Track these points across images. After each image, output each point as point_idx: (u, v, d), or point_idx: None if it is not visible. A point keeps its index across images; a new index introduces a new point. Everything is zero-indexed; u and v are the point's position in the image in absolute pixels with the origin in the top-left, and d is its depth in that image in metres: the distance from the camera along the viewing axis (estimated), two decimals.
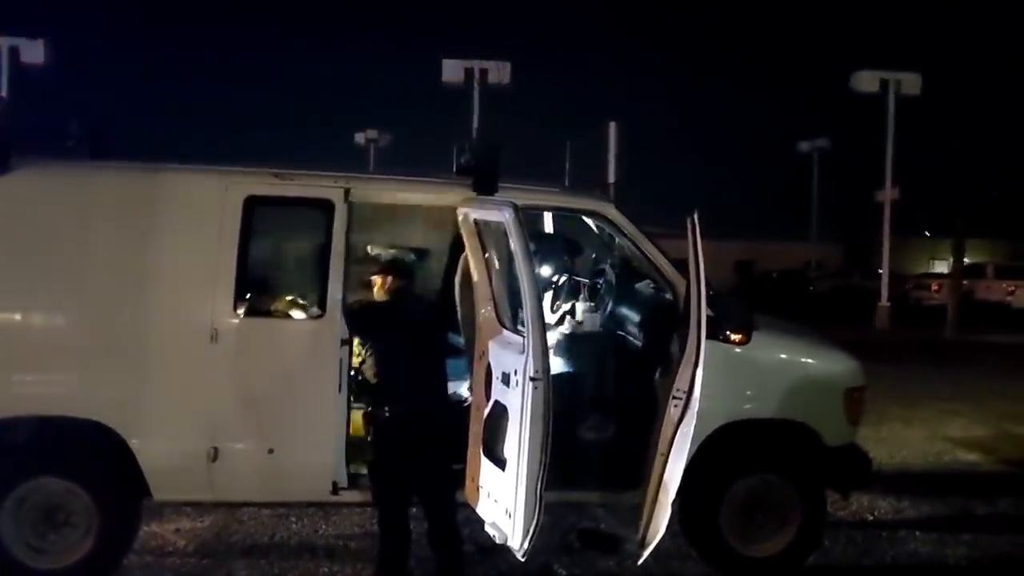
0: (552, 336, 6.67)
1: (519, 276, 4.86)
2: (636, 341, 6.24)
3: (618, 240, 6.15)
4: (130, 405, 5.38)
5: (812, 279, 38.75)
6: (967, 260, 30.09)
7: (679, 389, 5.07)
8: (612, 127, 23.51)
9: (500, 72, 25.82)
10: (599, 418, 6.19)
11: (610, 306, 6.71)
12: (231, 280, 5.42)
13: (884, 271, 26.85)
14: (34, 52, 24.25)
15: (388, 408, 5.33)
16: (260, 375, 5.49)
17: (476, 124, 25.13)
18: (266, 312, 5.63)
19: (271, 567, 5.95)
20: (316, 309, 5.58)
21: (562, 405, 5.80)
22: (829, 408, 6.02)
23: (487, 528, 5.23)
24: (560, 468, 5.19)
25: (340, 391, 5.49)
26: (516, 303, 5.10)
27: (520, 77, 26.27)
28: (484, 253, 5.48)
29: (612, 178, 22.28)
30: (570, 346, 6.59)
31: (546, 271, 7.25)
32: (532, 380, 4.81)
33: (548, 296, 7.39)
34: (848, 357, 6.18)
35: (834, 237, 48.58)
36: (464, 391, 6.11)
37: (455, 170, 5.85)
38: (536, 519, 4.84)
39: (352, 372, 5.60)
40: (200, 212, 5.49)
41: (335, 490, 5.58)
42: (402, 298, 5.59)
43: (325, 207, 5.57)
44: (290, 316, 5.65)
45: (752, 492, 5.91)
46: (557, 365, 6.40)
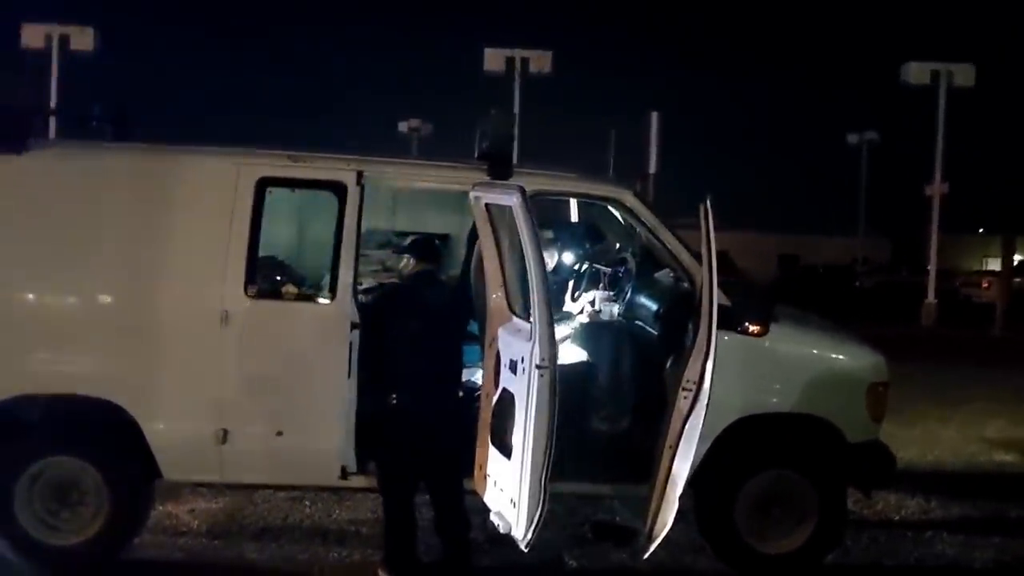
0: (570, 325, 6.59)
1: (526, 262, 4.77)
2: (653, 331, 6.12)
3: (638, 229, 6.02)
4: (141, 385, 5.42)
5: (858, 274, 38.12)
6: (1019, 257, 29.32)
7: (689, 380, 4.96)
8: (654, 117, 23.23)
9: (541, 61, 25.71)
10: (613, 409, 6.09)
11: (629, 295, 6.59)
12: (242, 263, 5.42)
13: (931, 267, 26.29)
14: (84, 40, 24.74)
15: (398, 395, 5.29)
16: (270, 358, 5.48)
17: (517, 113, 25.03)
18: (277, 295, 5.62)
19: (281, 550, 5.96)
20: (327, 293, 5.55)
21: (576, 395, 5.75)
22: (851, 403, 5.84)
23: (492, 517, 5.17)
24: (572, 459, 5.13)
25: (349, 376, 5.46)
26: (526, 289, 5.02)
27: (561, 66, 26.13)
28: (496, 239, 5.41)
29: (653, 169, 22.07)
30: (587, 335, 6.49)
31: (567, 259, 7.14)
32: (538, 368, 4.73)
33: (570, 284, 7.30)
34: (872, 351, 6.00)
35: (882, 232, 47.74)
36: (478, 378, 6.05)
37: (476, 155, 5.79)
38: (540, 509, 4.76)
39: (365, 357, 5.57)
40: (213, 194, 5.49)
41: (344, 475, 5.55)
42: (424, 282, 5.54)
43: (337, 189, 5.54)
44: (300, 299, 5.63)
45: (768, 488, 5.76)
46: (573, 354, 6.32)
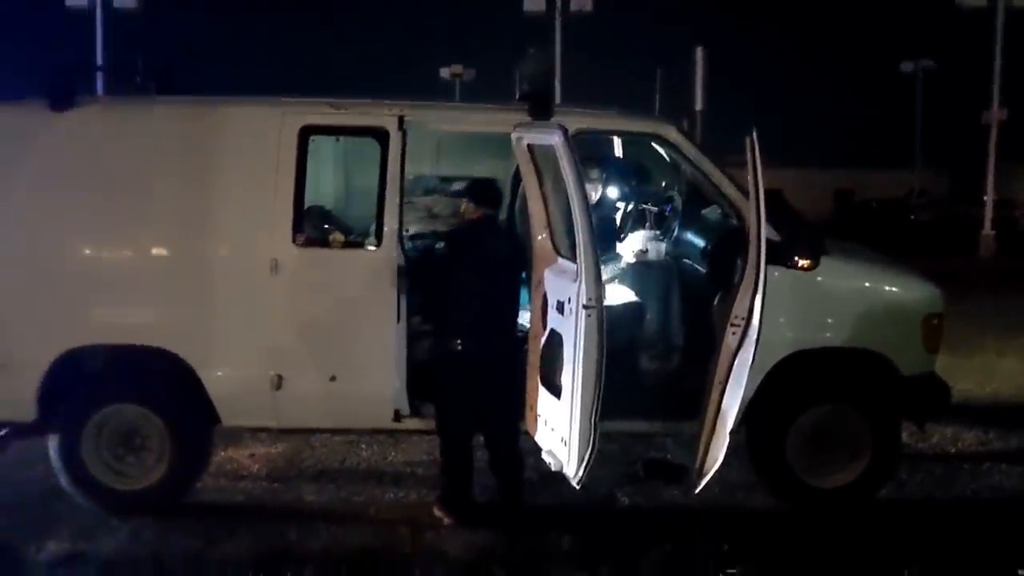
0: (616, 265, 6.57)
1: (570, 201, 4.75)
2: (701, 268, 6.08)
3: (682, 165, 5.94)
4: (196, 334, 5.54)
5: (914, 207, 37.28)
6: None
7: (737, 316, 4.92)
8: (699, 53, 22.78)
9: None
10: (662, 347, 6.09)
11: (676, 233, 6.54)
12: (289, 211, 5.47)
13: (988, 198, 25.61)
14: None
15: (464, 339, 5.33)
16: (319, 305, 5.56)
17: (559, 53, 24.70)
18: (324, 243, 5.68)
19: (339, 491, 6.10)
20: (373, 239, 5.59)
21: (624, 334, 5.75)
22: (905, 336, 5.76)
23: (543, 456, 5.24)
24: (622, 398, 5.14)
25: (399, 320, 5.52)
26: (571, 230, 5.00)
27: (602, 3, 25.62)
28: (539, 179, 5.38)
29: (699, 105, 21.67)
30: (634, 275, 6.47)
31: (612, 195, 7.08)
32: (585, 308, 4.74)
33: (616, 224, 7.25)
34: (926, 282, 5.89)
35: (939, 164, 46.47)
36: (527, 321, 6.07)
37: (517, 96, 5.75)
38: (591, 448, 4.81)
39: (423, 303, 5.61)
40: (257, 144, 5.53)
41: (397, 417, 5.65)
42: (486, 228, 5.54)
43: (380, 135, 5.54)
44: (347, 247, 5.68)
45: (821, 422, 5.73)
46: (620, 294, 6.30)
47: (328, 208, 6.47)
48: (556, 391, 5.10)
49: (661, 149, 6.02)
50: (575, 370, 4.82)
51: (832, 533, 5.50)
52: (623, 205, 7.34)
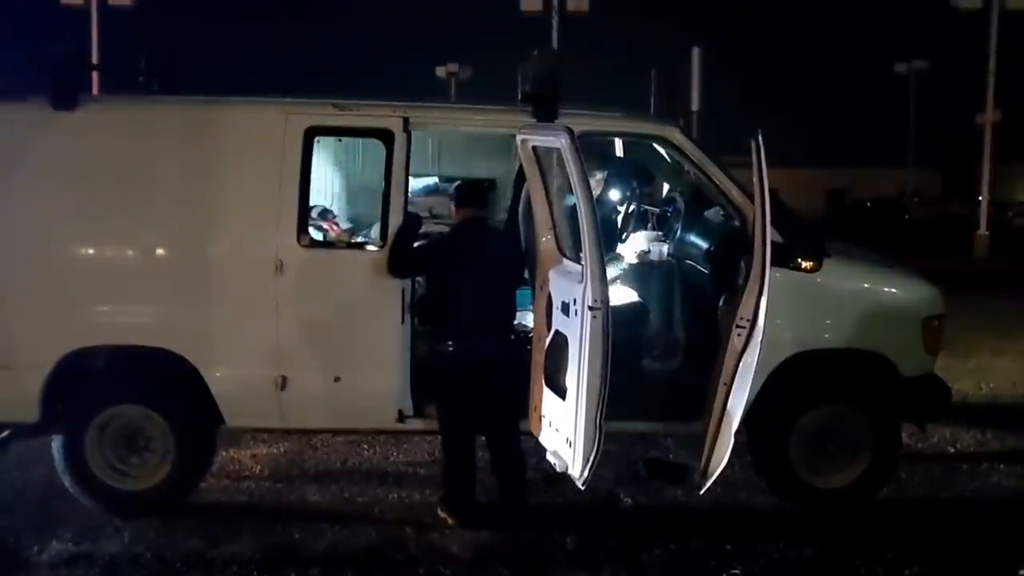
0: (619, 266, 6.59)
1: (576, 203, 4.77)
2: (704, 270, 6.10)
3: (685, 166, 5.96)
4: (200, 335, 5.53)
5: (908, 207, 37.43)
6: None
7: (743, 318, 4.95)
8: (695, 53, 22.72)
9: None
10: (665, 347, 6.11)
11: (678, 234, 6.56)
12: (294, 212, 5.47)
13: (983, 198, 25.71)
14: None
15: (454, 341, 5.35)
16: (324, 305, 5.56)
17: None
18: (328, 243, 5.68)
19: (341, 492, 6.10)
20: (377, 240, 5.60)
21: (629, 335, 5.77)
22: (906, 337, 5.79)
23: (548, 457, 5.25)
24: (625, 398, 5.16)
25: (403, 321, 5.53)
26: (576, 231, 5.02)
27: (599, 3, 25.66)
28: (544, 181, 5.40)
29: (695, 106, 21.65)
30: (637, 276, 6.49)
31: (614, 197, 7.10)
32: (591, 309, 4.75)
33: (618, 224, 7.27)
34: (926, 284, 5.92)
35: (932, 163, 46.65)
36: (529, 322, 6.09)
37: (520, 98, 5.76)
38: (596, 448, 4.83)
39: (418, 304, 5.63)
40: (262, 144, 5.52)
41: (401, 418, 5.66)
42: (472, 229, 5.56)
43: (384, 136, 5.55)
44: (352, 247, 5.69)
45: (823, 423, 5.76)
46: (623, 295, 6.32)
47: (333, 208, 6.47)
48: (561, 392, 5.12)
49: (664, 151, 6.04)
50: (580, 371, 4.84)
51: (833, 532, 5.53)
52: (625, 206, 7.36)
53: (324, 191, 6.39)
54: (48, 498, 5.80)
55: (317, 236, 5.69)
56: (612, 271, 6.25)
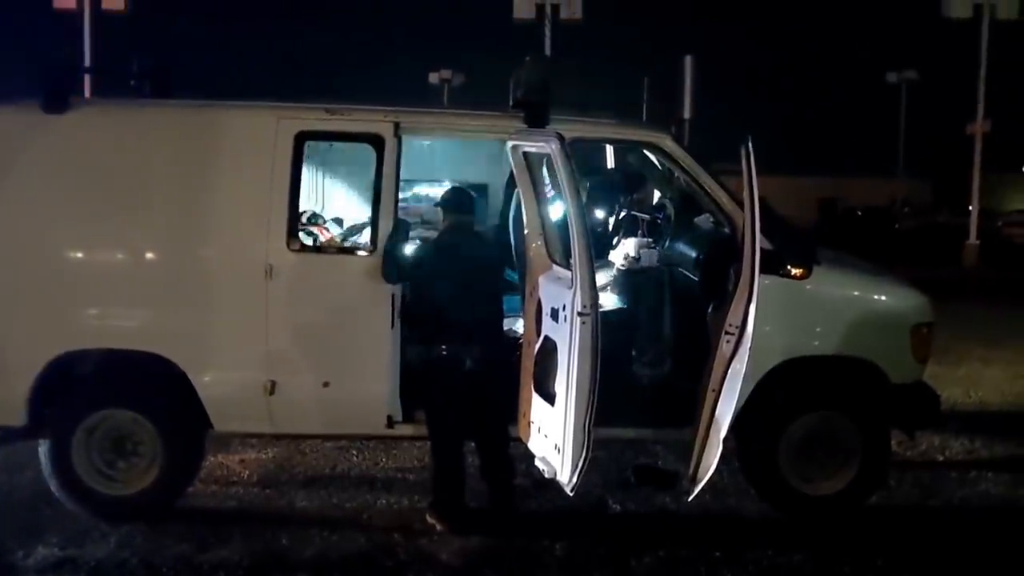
0: (609, 273, 6.60)
1: (566, 209, 4.77)
2: (693, 277, 6.10)
3: (676, 173, 5.98)
4: (189, 339, 5.51)
5: (898, 216, 37.59)
6: None
7: (731, 324, 4.95)
8: (688, 61, 22.78)
9: (572, 6, 25.31)
10: (655, 355, 6.11)
11: (668, 241, 6.57)
12: (284, 216, 5.46)
13: (973, 208, 25.82)
14: None
15: (447, 345, 5.35)
16: (313, 310, 5.55)
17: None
18: (319, 248, 5.67)
19: (330, 497, 6.08)
20: (367, 245, 5.59)
21: (618, 341, 5.77)
22: (895, 345, 5.80)
23: (537, 463, 5.25)
24: (615, 404, 5.16)
25: (393, 326, 5.52)
26: (566, 237, 5.02)
27: (592, 11, 25.73)
28: (534, 187, 5.40)
29: (688, 113, 21.71)
30: (627, 282, 6.49)
31: (602, 207, 7.11)
32: (580, 315, 4.76)
33: (608, 229, 7.29)
34: (915, 292, 5.95)
35: (922, 173, 46.87)
36: (519, 327, 6.09)
37: (511, 104, 5.76)
38: (585, 454, 4.83)
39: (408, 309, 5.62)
40: (253, 149, 5.52)
41: (390, 424, 5.64)
42: (459, 234, 5.57)
43: (375, 141, 5.55)
44: (342, 252, 5.68)
45: (812, 430, 5.77)
46: (613, 301, 6.33)
47: (323, 212, 6.47)
48: (550, 398, 5.12)
49: (655, 158, 6.05)
50: (569, 377, 4.84)
51: (822, 539, 5.54)
52: (615, 213, 7.37)
53: (315, 196, 6.38)
54: (35, 502, 5.77)
55: (307, 240, 5.66)
56: (602, 278, 6.25)
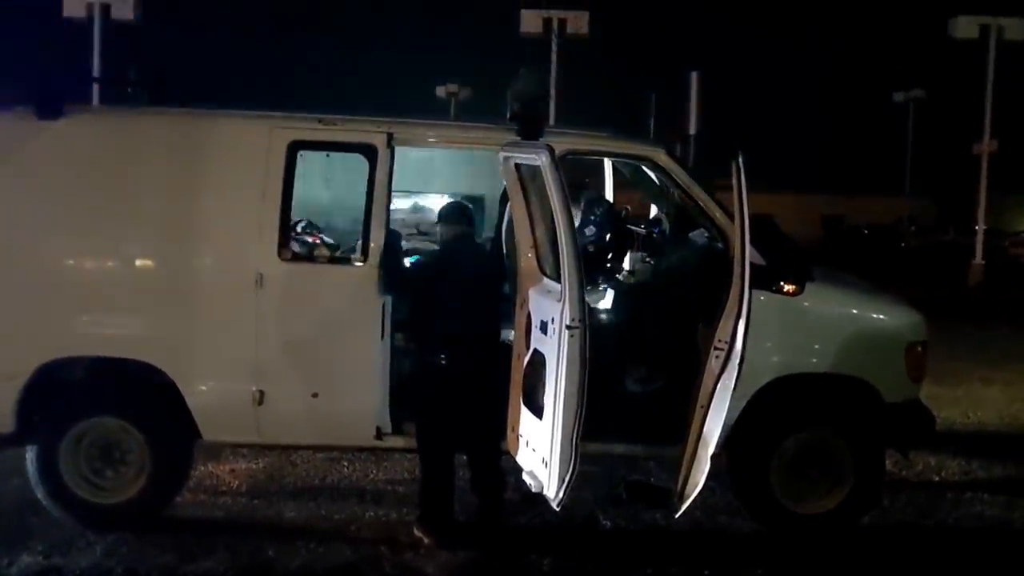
0: (602, 286, 6.57)
1: (555, 221, 4.75)
2: (686, 291, 6.07)
3: (671, 188, 5.95)
4: (179, 347, 5.50)
5: (904, 235, 37.53)
6: None
7: (721, 340, 4.92)
8: (694, 77, 22.78)
9: (578, 22, 25.40)
10: (647, 370, 6.08)
11: (662, 255, 6.54)
12: (276, 226, 5.45)
13: (979, 227, 25.74)
14: (123, 8, 24.89)
15: (447, 354, 5.33)
16: (304, 320, 5.53)
17: (554, 75, 24.79)
18: (310, 258, 5.66)
19: (318, 509, 6.05)
20: (359, 255, 5.58)
21: (608, 356, 5.73)
22: (889, 363, 5.75)
23: (524, 477, 5.21)
24: (605, 420, 5.12)
25: (383, 337, 5.50)
26: (557, 250, 5.00)
27: (599, 27, 25.83)
28: (526, 199, 5.39)
29: (694, 129, 21.69)
30: (621, 297, 6.46)
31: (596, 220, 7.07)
32: (568, 328, 4.72)
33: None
34: (910, 311, 5.90)
35: (928, 192, 46.81)
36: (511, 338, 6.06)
37: (508, 116, 5.75)
38: (572, 469, 4.78)
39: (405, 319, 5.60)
40: (246, 158, 5.52)
41: (379, 435, 5.61)
42: (459, 245, 5.55)
43: (368, 152, 5.54)
44: (333, 262, 5.67)
45: (804, 448, 5.72)
46: (605, 315, 6.29)
47: (315, 222, 6.46)
48: (538, 411, 5.08)
49: (651, 173, 6.03)
50: (557, 390, 4.80)
51: (814, 558, 5.48)
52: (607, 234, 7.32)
53: (308, 206, 6.37)
54: (21, 510, 5.74)
55: (299, 250, 5.65)
56: (596, 292, 6.23)
